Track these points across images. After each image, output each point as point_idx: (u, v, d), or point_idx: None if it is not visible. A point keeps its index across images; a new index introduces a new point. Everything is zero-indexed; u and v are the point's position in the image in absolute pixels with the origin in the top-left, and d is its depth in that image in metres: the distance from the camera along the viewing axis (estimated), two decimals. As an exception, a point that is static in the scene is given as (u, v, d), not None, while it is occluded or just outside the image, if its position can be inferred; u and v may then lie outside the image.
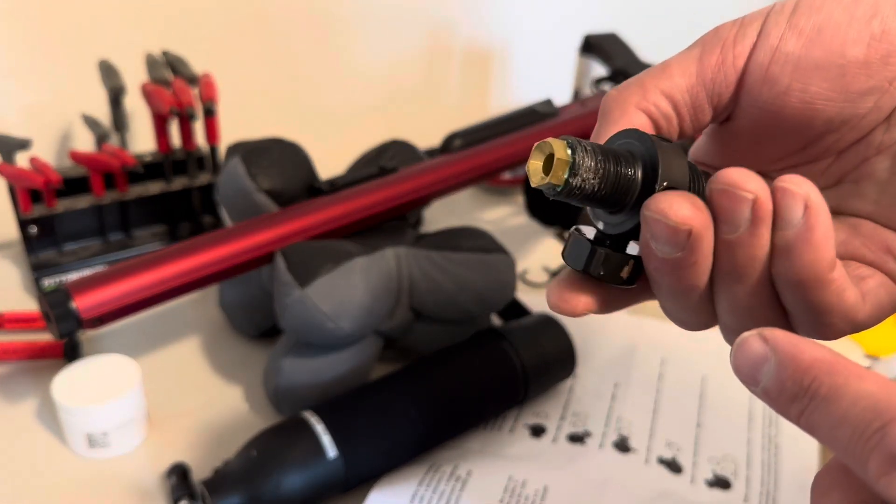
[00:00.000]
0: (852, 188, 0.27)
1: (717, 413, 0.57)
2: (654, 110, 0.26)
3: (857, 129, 0.25)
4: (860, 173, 0.26)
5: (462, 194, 0.87)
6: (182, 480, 0.48)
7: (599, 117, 0.26)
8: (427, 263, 0.55)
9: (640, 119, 0.26)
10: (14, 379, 0.58)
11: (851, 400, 0.19)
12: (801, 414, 0.20)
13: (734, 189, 0.22)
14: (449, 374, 0.53)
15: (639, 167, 0.24)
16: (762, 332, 0.21)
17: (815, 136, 0.26)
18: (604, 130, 0.26)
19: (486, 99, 1.08)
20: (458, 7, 0.98)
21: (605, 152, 0.24)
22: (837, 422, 0.19)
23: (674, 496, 0.49)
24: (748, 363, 0.21)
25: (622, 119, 0.25)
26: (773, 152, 0.27)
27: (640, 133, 0.24)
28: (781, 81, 0.25)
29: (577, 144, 0.23)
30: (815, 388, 0.20)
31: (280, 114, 0.90)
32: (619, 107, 0.26)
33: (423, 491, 0.48)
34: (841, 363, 0.20)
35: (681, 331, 0.71)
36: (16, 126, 0.71)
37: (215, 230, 0.55)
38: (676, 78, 0.25)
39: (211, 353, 0.63)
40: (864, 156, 0.26)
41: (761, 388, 0.21)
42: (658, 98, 0.26)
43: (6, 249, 0.74)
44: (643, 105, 0.25)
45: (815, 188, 0.22)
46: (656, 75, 0.26)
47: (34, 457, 0.52)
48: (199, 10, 0.80)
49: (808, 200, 0.22)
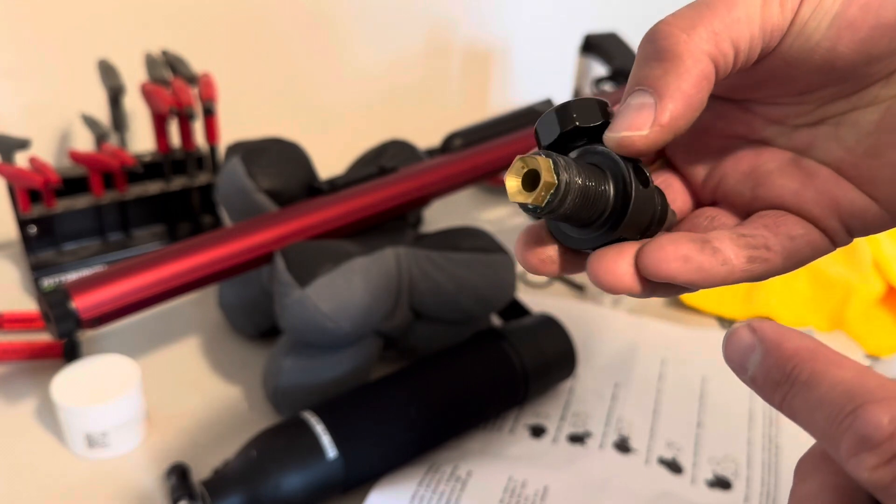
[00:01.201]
0: (830, 130, 0.26)
1: (718, 413, 0.57)
2: (721, 61, 0.24)
3: (859, 85, 0.25)
4: (844, 119, 0.26)
5: (462, 194, 0.87)
6: (182, 481, 0.48)
7: (658, 56, 0.24)
8: (427, 263, 0.55)
9: (709, 69, 0.24)
10: (13, 379, 0.58)
11: (829, 385, 0.20)
12: (784, 399, 0.21)
13: (604, 285, 0.25)
14: (449, 375, 0.53)
15: (610, 185, 0.24)
16: (751, 323, 0.22)
17: (817, 86, 0.26)
18: (673, 76, 0.23)
19: (486, 99, 1.08)
20: (458, 6, 0.98)
21: (585, 172, 0.23)
22: (815, 406, 0.20)
23: (674, 496, 0.49)
24: (737, 352, 0.22)
25: (694, 68, 0.23)
26: (772, 91, 0.27)
27: (617, 164, 0.24)
28: (813, 38, 0.24)
29: (560, 164, 0.23)
30: (795, 374, 0.20)
31: (280, 114, 0.90)
32: (689, 52, 0.23)
33: (423, 491, 0.48)
34: (822, 351, 0.21)
35: (681, 331, 0.71)
36: (15, 126, 0.71)
37: (215, 230, 0.55)
38: (744, 25, 0.24)
39: (211, 353, 0.62)
40: (853, 105, 0.26)
41: (749, 376, 0.22)
42: (728, 47, 0.24)
43: (5, 249, 0.74)
44: (714, 53, 0.23)
45: (677, 264, 0.24)
46: (725, 19, 0.23)
47: (34, 457, 0.52)
48: (199, 10, 0.80)
49: (675, 280, 0.24)
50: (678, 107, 0.23)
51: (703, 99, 0.24)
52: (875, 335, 0.66)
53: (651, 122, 0.23)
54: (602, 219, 0.24)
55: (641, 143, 0.23)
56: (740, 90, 0.27)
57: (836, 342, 0.65)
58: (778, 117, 0.28)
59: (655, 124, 0.23)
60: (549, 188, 0.22)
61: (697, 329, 0.67)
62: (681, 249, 0.24)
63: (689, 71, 0.23)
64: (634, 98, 0.24)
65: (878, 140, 0.25)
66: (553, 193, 0.22)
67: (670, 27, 0.24)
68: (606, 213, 0.24)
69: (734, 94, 0.28)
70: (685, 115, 0.24)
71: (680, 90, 0.23)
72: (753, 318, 0.23)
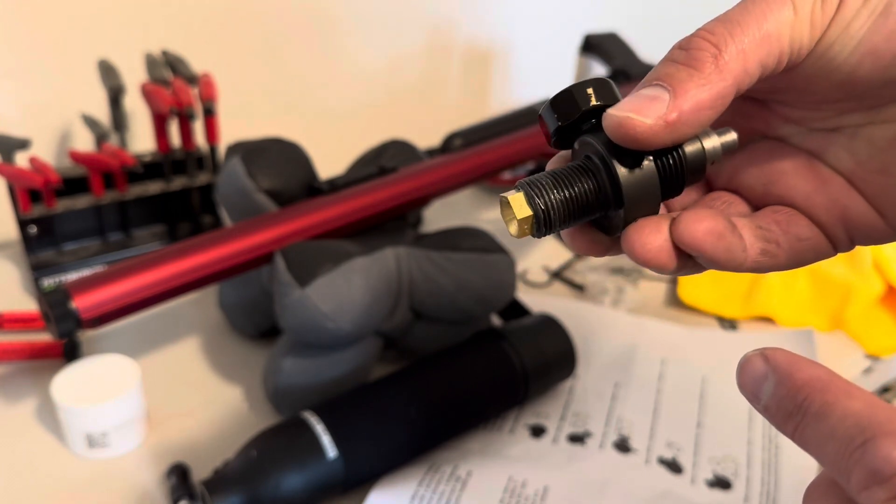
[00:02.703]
0: (845, 140, 0.27)
1: (718, 413, 0.57)
2: (745, 80, 0.24)
3: (876, 102, 0.26)
4: (860, 131, 0.27)
5: (462, 194, 0.87)
6: (182, 480, 0.48)
7: (686, 60, 0.24)
8: (427, 263, 0.55)
9: (730, 91, 0.24)
10: (13, 379, 0.58)
11: (839, 417, 0.20)
12: (796, 430, 0.21)
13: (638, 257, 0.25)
14: (449, 375, 0.53)
15: (603, 175, 0.24)
16: (764, 352, 0.22)
17: (835, 99, 0.26)
18: (694, 83, 0.23)
19: (486, 99, 1.08)
20: (459, 6, 0.98)
21: (569, 179, 0.24)
22: (826, 438, 0.20)
23: (674, 496, 0.49)
24: (751, 381, 0.22)
25: (718, 84, 0.23)
26: (792, 97, 0.27)
27: (598, 149, 0.24)
28: (836, 60, 0.25)
29: (532, 193, 0.24)
30: (807, 405, 0.21)
31: (280, 114, 0.90)
32: (717, 67, 0.23)
33: (423, 491, 0.48)
34: (833, 382, 0.21)
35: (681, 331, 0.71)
36: (15, 126, 0.71)
37: (215, 230, 0.55)
38: (774, 46, 0.24)
39: (211, 353, 0.62)
40: (869, 119, 0.26)
41: (762, 406, 0.22)
42: (755, 69, 0.24)
43: (5, 249, 0.74)
44: (740, 77, 0.24)
45: (710, 236, 0.24)
46: (755, 36, 0.24)
47: (34, 457, 0.52)
48: (199, 10, 0.80)
49: (703, 256, 0.25)
50: (689, 110, 0.23)
51: (712, 116, 0.24)
52: (875, 335, 0.66)
53: (658, 114, 0.23)
54: (609, 207, 0.25)
55: (641, 129, 0.23)
56: (760, 92, 0.28)
57: (836, 342, 0.65)
58: (796, 118, 0.28)
59: (661, 118, 0.23)
60: (528, 221, 0.24)
61: (697, 329, 0.67)
62: (717, 225, 0.24)
63: (712, 85, 0.23)
64: (649, 90, 0.24)
65: (891, 158, 0.26)
66: (535, 223, 0.24)
67: (703, 40, 0.24)
68: (611, 202, 0.24)
69: (755, 93, 0.28)
70: (690, 122, 0.23)
71: (696, 98, 0.23)
72: (767, 347, 0.23)
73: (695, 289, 0.70)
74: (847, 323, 0.66)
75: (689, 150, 0.24)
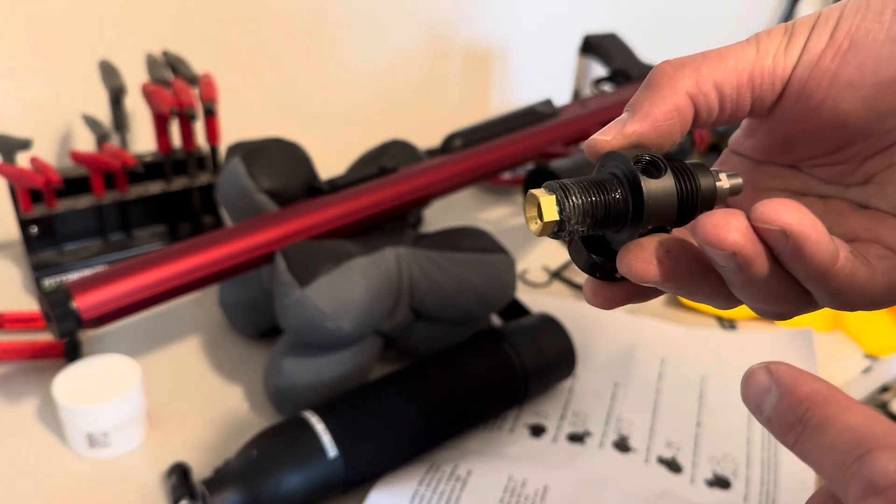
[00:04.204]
0: (878, 189, 0.28)
1: (717, 413, 0.57)
2: (701, 100, 0.26)
3: (883, 141, 0.27)
4: (885, 176, 0.27)
5: (462, 194, 0.87)
6: (182, 480, 0.48)
7: (646, 86, 0.27)
8: (427, 263, 0.55)
9: (684, 103, 0.26)
10: (14, 379, 0.58)
11: (838, 430, 0.20)
12: (796, 442, 0.22)
13: (714, 237, 0.23)
14: (449, 375, 0.53)
15: (626, 187, 0.25)
16: (768, 366, 0.23)
17: (844, 144, 0.27)
18: (648, 102, 0.26)
19: (486, 99, 1.08)
20: (458, 7, 0.98)
21: (592, 188, 0.25)
22: (825, 450, 0.21)
23: (674, 496, 0.49)
24: (755, 394, 0.23)
25: (669, 99, 0.26)
26: (805, 152, 0.29)
27: (625, 162, 0.25)
28: (815, 97, 0.26)
29: (561, 194, 0.25)
30: (808, 418, 0.21)
31: (280, 114, 0.90)
32: (669, 85, 0.26)
33: (423, 491, 0.48)
34: (834, 397, 0.21)
35: (681, 331, 0.71)
36: (16, 126, 0.71)
37: (215, 230, 0.55)
38: (731, 73, 0.26)
39: (211, 353, 0.63)
40: (889, 162, 0.27)
41: (765, 418, 0.23)
42: (709, 89, 0.26)
43: (7, 249, 0.74)
44: (693, 91, 0.26)
45: (794, 208, 0.23)
46: (713, 65, 0.26)
47: (35, 457, 0.52)
48: (200, 11, 0.80)
49: (787, 229, 0.22)
50: (643, 126, 0.26)
51: (672, 127, 0.26)
52: (874, 335, 0.66)
53: (616, 132, 0.26)
54: (628, 219, 0.26)
55: (602, 146, 0.26)
56: (777, 153, 0.29)
57: (835, 342, 0.66)
58: (829, 177, 0.29)
59: (619, 133, 0.26)
60: (553, 225, 0.25)
61: (697, 329, 0.67)
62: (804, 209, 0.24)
63: (664, 100, 0.26)
64: (619, 118, 0.27)
65: None
66: (558, 224, 0.25)
67: (664, 66, 0.27)
68: (630, 213, 0.25)
69: (777, 158, 0.30)
70: (648, 135, 0.26)
71: (650, 114, 0.26)
72: (771, 361, 0.23)
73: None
74: (846, 323, 0.66)
75: (704, 182, 0.26)
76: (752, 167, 0.31)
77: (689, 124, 0.27)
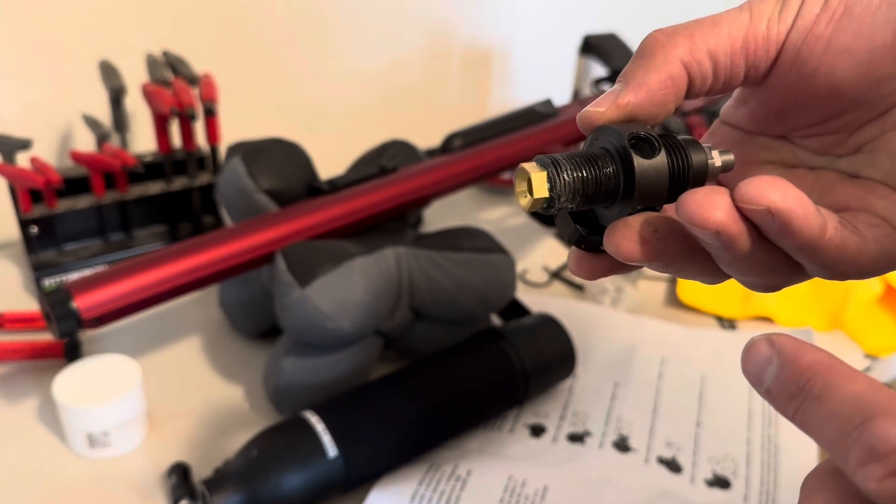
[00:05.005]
0: (868, 157, 0.28)
1: (717, 413, 0.57)
2: (695, 67, 0.26)
3: (877, 108, 0.26)
4: (877, 145, 0.27)
5: (462, 194, 0.87)
6: (182, 480, 0.48)
7: (639, 55, 0.26)
8: (427, 263, 0.55)
9: (678, 71, 0.26)
10: (14, 379, 0.58)
11: (840, 398, 0.20)
12: (797, 412, 0.21)
13: (698, 216, 0.23)
14: (449, 375, 0.53)
15: (618, 163, 0.25)
16: (769, 337, 0.22)
17: (838, 112, 0.27)
18: (642, 71, 0.26)
19: (486, 99, 1.08)
20: (458, 7, 0.98)
21: (583, 163, 0.25)
22: (826, 419, 0.20)
23: (674, 496, 0.49)
24: (755, 365, 0.22)
25: (663, 68, 0.26)
26: (797, 121, 0.28)
27: (619, 138, 0.25)
28: (810, 63, 0.26)
29: (552, 170, 0.24)
30: (809, 387, 0.21)
31: (280, 114, 0.90)
32: (662, 53, 0.26)
33: (423, 491, 0.48)
34: (836, 366, 0.21)
35: (681, 331, 0.71)
36: (17, 126, 0.71)
37: (215, 230, 0.55)
38: (724, 39, 0.26)
39: (211, 353, 0.63)
40: (881, 129, 0.27)
41: (765, 389, 0.22)
42: (703, 56, 0.26)
43: (7, 249, 0.74)
44: (686, 59, 0.26)
45: (778, 185, 0.22)
46: (706, 32, 0.26)
47: (35, 457, 0.52)
48: (200, 11, 0.80)
49: (772, 207, 0.22)
50: (638, 96, 0.25)
51: (666, 96, 0.26)
52: (874, 335, 0.66)
53: (610, 102, 0.26)
54: (619, 196, 0.25)
55: (596, 118, 0.26)
56: (769, 123, 0.29)
57: (835, 342, 0.66)
58: (819, 148, 0.29)
59: (613, 104, 0.26)
60: (543, 201, 0.24)
61: (697, 329, 0.67)
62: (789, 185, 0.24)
63: (658, 69, 0.26)
64: (612, 88, 0.26)
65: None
66: (548, 202, 0.24)
67: (656, 34, 0.26)
68: (621, 191, 0.25)
69: (769, 129, 0.29)
70: (642, 106, 0.26)
71: (644, 84, 0.26)
72: (772, 332, 0.23)
73: (694, 289, 0.70)
74: (846, 323, 0.66)
75: (696, 160, 0.26)
76: (742, 138, 0.30)
77: (683, 93, 0.26)
